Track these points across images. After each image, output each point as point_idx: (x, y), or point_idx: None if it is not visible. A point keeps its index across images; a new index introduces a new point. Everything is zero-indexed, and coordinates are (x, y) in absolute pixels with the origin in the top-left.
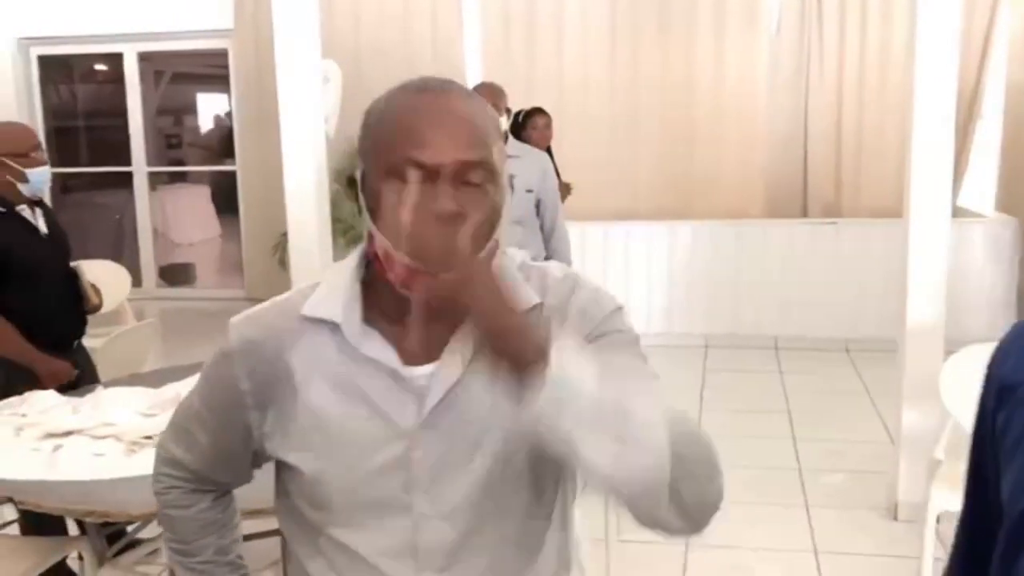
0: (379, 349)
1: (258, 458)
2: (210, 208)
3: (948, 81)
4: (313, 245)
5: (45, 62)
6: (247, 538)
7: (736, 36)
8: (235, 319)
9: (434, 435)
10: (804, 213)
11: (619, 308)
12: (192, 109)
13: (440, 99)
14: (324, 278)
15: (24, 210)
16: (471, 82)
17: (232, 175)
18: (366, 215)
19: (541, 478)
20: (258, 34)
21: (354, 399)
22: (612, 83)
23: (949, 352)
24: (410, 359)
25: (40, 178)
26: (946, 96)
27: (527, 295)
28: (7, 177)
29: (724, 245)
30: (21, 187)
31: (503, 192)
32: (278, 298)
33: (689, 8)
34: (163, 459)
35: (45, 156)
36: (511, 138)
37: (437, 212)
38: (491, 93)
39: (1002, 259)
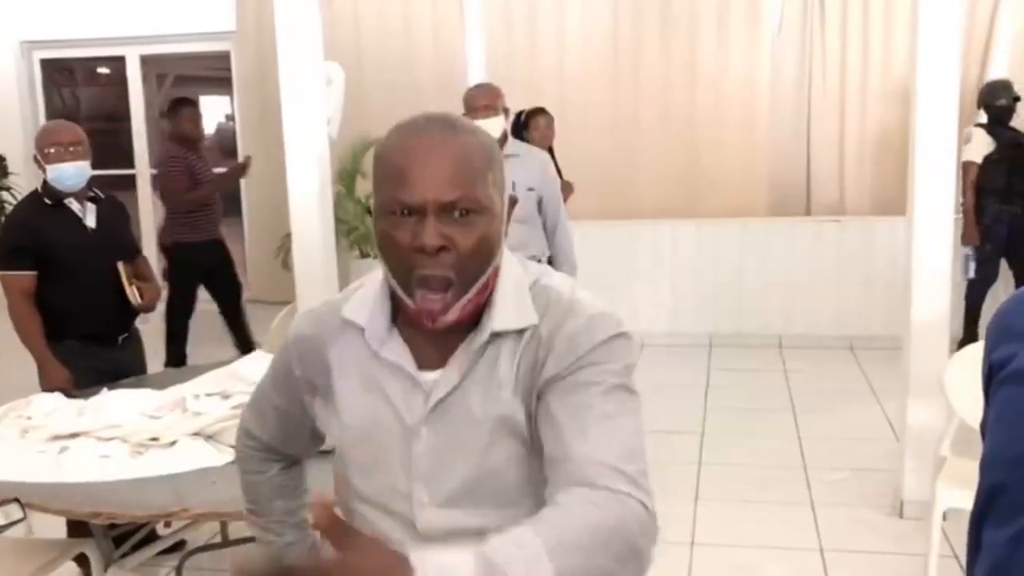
0: (398, 353)
1: (316, 435)
2: None
3: (951, 78)
4: (316, 246)
5: (48, 66)
6: (250, 540)
7: (739, 35)
8: (298, 314)
9: (432, 431)
10: (808, 211)
11: (613, 337)
12: None
13: (422, 138)
14: (365, 282)
15: (72, 203)
16: (472, 82)
17: None
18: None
19: (532, 472)
20: (260, 36)
21: (375, 394)
22: (615, 83)
23: (954, 349)
24: (424, 364)
25: (57, 175)
26: (949, 93)
27: (528, 316)
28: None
29: (728, 244)
30: (49, 181)
31: (496, 221)
32: (335, 296)
33: (691, 7)
34: (241, 431)
35: (72, 153)
36: (511, 138)
37: (423, 246)
38: (488, 94)
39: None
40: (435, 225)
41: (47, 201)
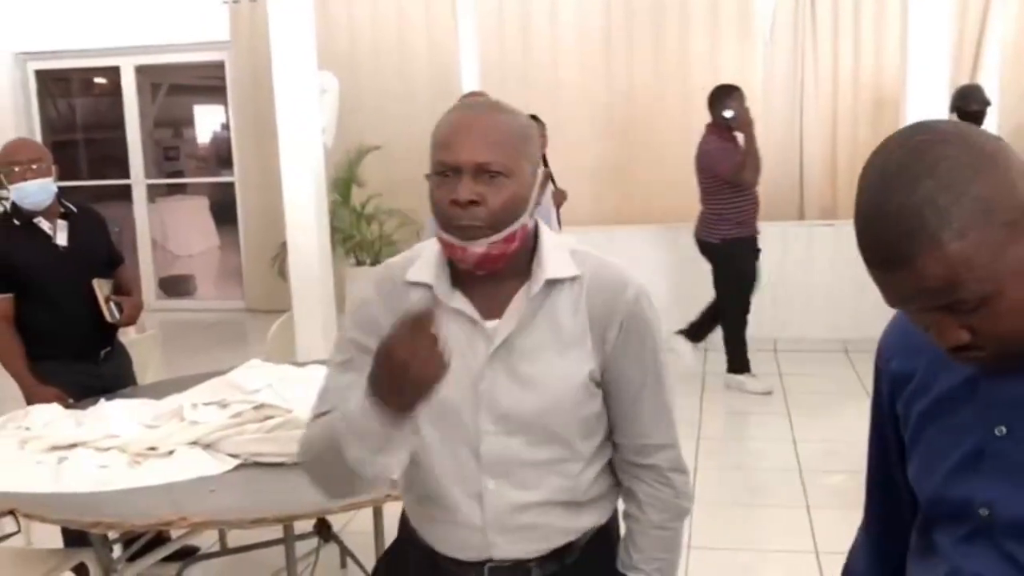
0: (462, 303)
1: None
2: (209, 219)
3: (940, 83)
4: (312, 255)
5: (43, 76)
6: (249, 548)
7: (731, 42)
8: (371, 276)
9: (495, 371)
10: (801, 215)
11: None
12: (190, 121)
13: (467, 114)
14: (420, 252)
15: (41, 222)
16: (466, 90)
17: (230, 186)
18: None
19: (585, 419)
20: (255, 46)
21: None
22: (609, 90)
23: None
24: (484, 314)
25: (20, 194)
26: (937, 99)
27: (572, 268)
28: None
29: None
30: (14, 199)
31: (525, 185)
32: (390, 262)
33: (683, 15)
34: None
35: (33, 171)
36: None
37: (457, 200)
38: None
39: None
40: (469, 183)
41: (16, 221)
